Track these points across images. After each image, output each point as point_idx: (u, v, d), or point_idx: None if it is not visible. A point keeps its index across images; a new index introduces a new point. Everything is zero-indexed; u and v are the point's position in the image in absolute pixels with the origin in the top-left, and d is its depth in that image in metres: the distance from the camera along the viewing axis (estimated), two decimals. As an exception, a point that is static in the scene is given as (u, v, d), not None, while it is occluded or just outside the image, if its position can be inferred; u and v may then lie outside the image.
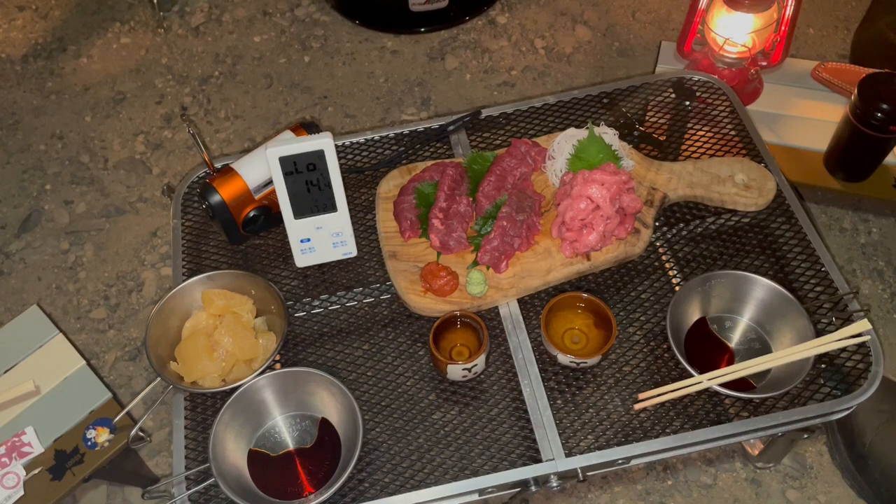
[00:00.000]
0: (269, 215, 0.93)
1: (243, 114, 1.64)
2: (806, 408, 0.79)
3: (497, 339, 0.87)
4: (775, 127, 1.30)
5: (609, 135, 0.96)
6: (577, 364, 0.81)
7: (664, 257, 0.92)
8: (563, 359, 0.81)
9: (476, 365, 0.80)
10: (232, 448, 0.77)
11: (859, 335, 0.80)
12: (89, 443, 0.94)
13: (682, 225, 0.95)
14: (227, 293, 0.87)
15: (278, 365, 0.86)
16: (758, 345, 0.85)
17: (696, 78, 1.11)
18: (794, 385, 0.77)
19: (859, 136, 1.15)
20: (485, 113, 1.08)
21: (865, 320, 0.80)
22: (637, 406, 0.79)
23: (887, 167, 1.23)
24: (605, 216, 0.87)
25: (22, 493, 0.90)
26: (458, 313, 0.83)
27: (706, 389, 0.80)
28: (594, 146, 0.95)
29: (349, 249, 0.92)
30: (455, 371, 0.80)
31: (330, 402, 0.80)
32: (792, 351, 0.78)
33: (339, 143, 1.06)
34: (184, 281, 0.88)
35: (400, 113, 1.63)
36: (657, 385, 0.82)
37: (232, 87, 1.69)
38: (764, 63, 1.30)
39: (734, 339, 0.86)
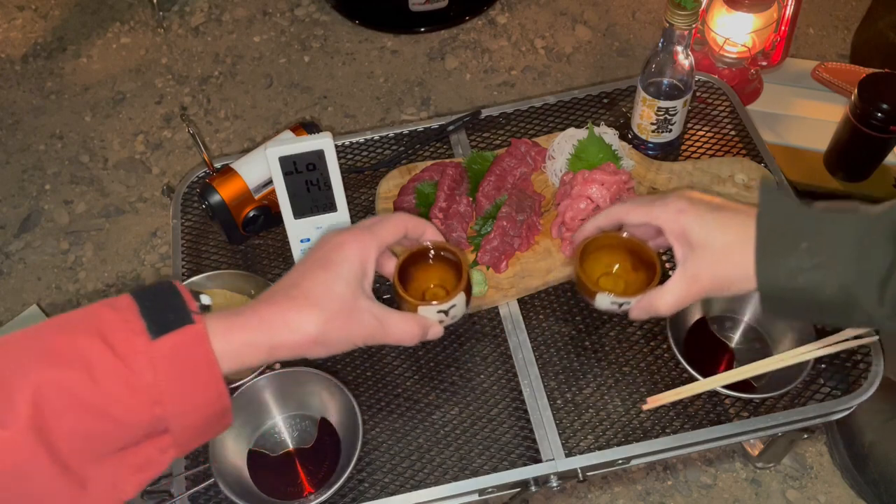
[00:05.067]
0: (269, 215, 0.93)
1: (243, 114, 1.64)
2: (806, 408, 0.79)
3: (497, 339, 0.87)
4: (775, 127, 1.30)
5: (609, 135, 0.96)
6: (620, 305, 0.71)
7: (664, 257, 0.92)
8: (603, 300, 0.71)
9: (454, 305, 0.66)
10: (231, 448, 0.77)
11: (866, 334, 0.80)
12: (89, 443, 0.94)
13: (682, 225, 0.95)
14: (227, 293, 0.87)
15: (278, 365, 0.86)
16: (758, 345, 0.85)
17: (696, 78, 1.11)
18: (794, 385, 0.77)
19: (859, 136, 1.15)
20: (485, 113, 1.08)
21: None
22: (645, 407, 0.79)
23: (887, 167, 1.23)
24: (605, 216, 0.87)
25: (21, 493, 0.90)
26: (429, 245, 0.68)
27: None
28: (594, 146, 0.95)
29: (349, 249, 0.92)
30: (429, 313, 0.65)
31: (329, 402, 0.80)
32: (801, 351, 0.78)
33: (339, 143, 1.06)
34: (184, 281, 0.88)
35: (400, 113, 1.63)
36: (657, 385, 0.82)
37: (232, 87, 1.69)
38: (764, 63, 1.30)
39: (734, 339, 0.86)
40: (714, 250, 0.61)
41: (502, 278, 0.88)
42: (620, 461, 0.78)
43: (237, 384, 0.78)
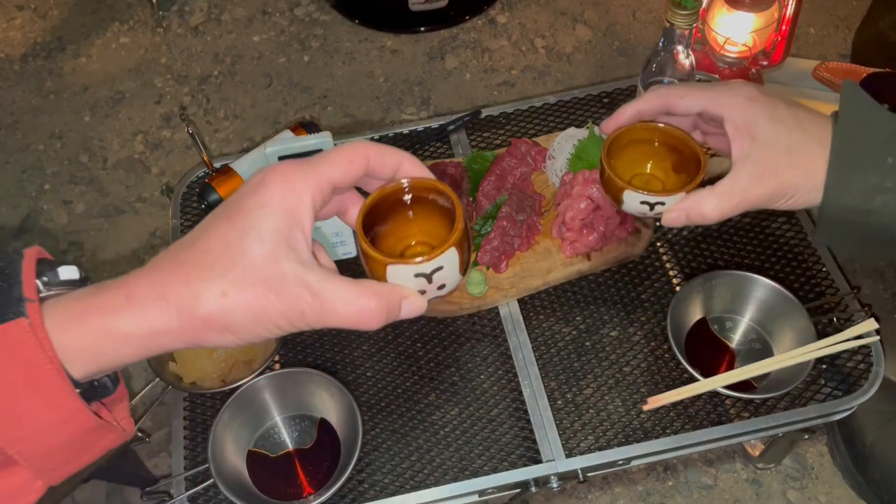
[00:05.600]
0: (269, 215, 0.93)
1: (242, 113, 1.64)
2: (807, 408, 0.79)
3: (497, 339, 0.86)
4: (776, 126, 1.30)
5: (609, 134, 0.96)
6: (652, 207, 0.57)
7: (665, 257, 0.92)
8: (631, 200, 0.57)
9: (441, 268, 0.43)
10: (231, 449, 0.77)
11: (867, 335, 0.79)
12: (88, 443, 0.93)
13: (682, 225, 0.95)
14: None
15: (277, 365, 0.86)
16: (759, 345, 0.85)
17: (697, 77, 1.10)
18: (794, 385, 0.77)
19: (860, 136, 1.15)
20: (485, 112, 1.07)
21: (872, 319, 0.79)
22: (646, 408, 0.79)
23: (888, 167, 1.23)
24: (606, 216, 0.87)
25: (20, 493, 0.89)
26: (408, 183, 0.46)
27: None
28: (595, 146, 0.94)
29: (349, 249, 0.92)
30: (403, 278, 0.43)
31: (329, 403, 0.80)
32: (802, 351, 0.78)
33: (339, 142, 1.05)
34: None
35: (400, 113, 1.62)
36: (657, 385, 0.82)
37: (231, 87, 1.69)
38: (765, 62, 1.29)
39: (735, 339, 0.86)
40: (783, 150, 0.51)
41: (502, 278, 0.88)
42: (621, 462, 0.78)
43: (236, 384, 0.78)
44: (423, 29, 1.76)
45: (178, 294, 0.36)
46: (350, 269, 0.92)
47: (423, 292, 0.44)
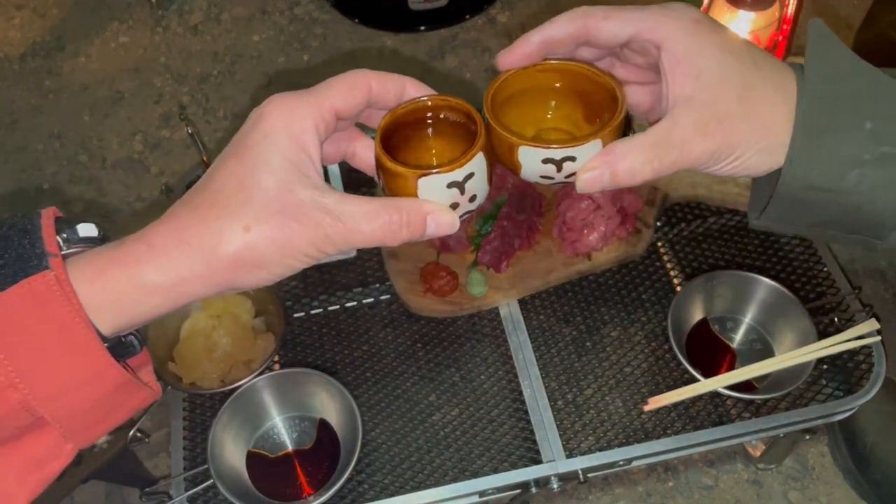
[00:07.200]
0: (268, 215, 0.93)
1: (242, 113, 1.64)
2: (808, 409, 0.79)
3: (497, 339, 0.86)
4: (776, 126, 1.29)
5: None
6: (559, 166, 0.41)
7: (665, 257, 0.92)
8: (530, 160, 0.42)
9: (472, 175, 0.41)
10: (230, 449, 0.77)
11: (868, 335, 0.79)
12: (87, 444, 0.93)
13: (683, 225, 0.95)
14: (226, 295, 0.87)
15: (277, 366, 0.86)
16: (759, 345, 0.84)
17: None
18: (795, 386, 0.77)
19: (861, 136, 1.14)
20: (485, 112, 1.07)
21: (873, 319, 0.79)
22: (646, 408, 0.78)
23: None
24: (606, 216, 0.86)
25: (19, 494, 0.89)
26: (427, 100, 0.43)
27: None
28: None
29: (348, 249, 0.91)
30: (433, 191, 0.40)
31: (329, 403, 0.79)
32: (803, 352, 0.78)
33: (339, 142, 1.05)
34: (182, 281, 0.87)
35: (399, 112, 1.62)
36: (658, 386, 0.81)
37: (231, 87, 1.69)
38: (765, 62, 1.29)
39: (736, 339, 0.85)
40: (735, 93, 0.39)
41: (503, 278, 0.88)
42: (621, 462, 0.77)
43: (236, 385, 0.78)
44: (422, 28, 1.75)
45: (199, 237, 0.36)
46: (349, 267, 0.92)
47: (455, 206, 0.41)
